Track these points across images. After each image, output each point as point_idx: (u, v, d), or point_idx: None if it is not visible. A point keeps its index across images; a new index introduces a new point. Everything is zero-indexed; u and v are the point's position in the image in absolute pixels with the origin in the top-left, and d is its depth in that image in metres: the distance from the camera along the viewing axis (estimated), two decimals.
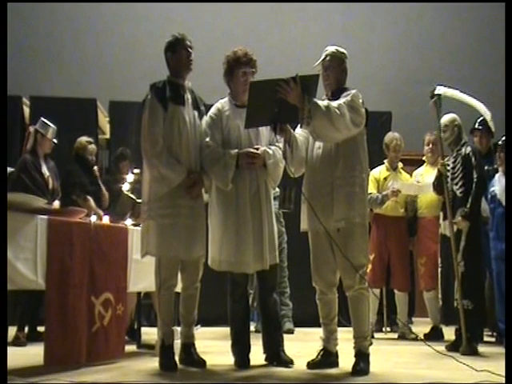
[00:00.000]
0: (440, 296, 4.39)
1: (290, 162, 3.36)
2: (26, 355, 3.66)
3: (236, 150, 3.44)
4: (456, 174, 4.33)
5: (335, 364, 3.41)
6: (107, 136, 6.56)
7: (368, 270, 5.04)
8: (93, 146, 5.13)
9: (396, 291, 5.15)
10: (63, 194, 4.79)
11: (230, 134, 3.48)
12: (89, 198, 4.95)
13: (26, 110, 6.34)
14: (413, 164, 5.60)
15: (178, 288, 3.50)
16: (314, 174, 3.36)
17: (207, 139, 3.47)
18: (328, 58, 3.44)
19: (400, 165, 5.32)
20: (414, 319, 6.05)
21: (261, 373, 3.26)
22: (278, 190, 5.15)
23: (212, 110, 3.54)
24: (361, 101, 3.33)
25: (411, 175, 5.35)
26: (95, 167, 5.07)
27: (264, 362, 3.48)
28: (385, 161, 5.34)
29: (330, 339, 3.42)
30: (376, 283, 5.12)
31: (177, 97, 3.39)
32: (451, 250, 4.18)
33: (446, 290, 4.54)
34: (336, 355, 3.44)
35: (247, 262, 3.37)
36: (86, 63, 7.75)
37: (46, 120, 4.81)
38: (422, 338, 4.43)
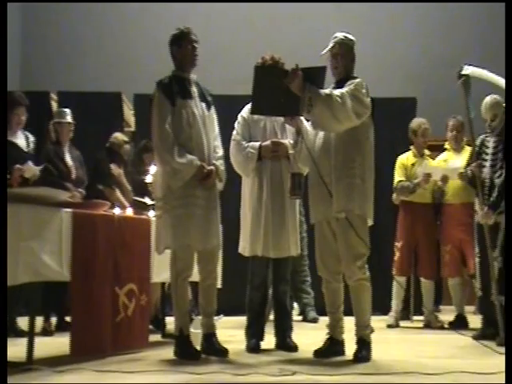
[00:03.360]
0: (479, 286, 4.27)
1: (298, 153, 3.40)
2: (53, 345, 3.76)
3: (258, 143, 3.59)
4: (496, 162, 4.18)
5: (341, 352, 3.43)
6: (132, 129, 6.65)
7: (395, 258, 5.11)
8: (128, 147, 5.22)
9: (422, 279, 5.09)
10: (90, 184, 4.88)
11: (256, 130, 3.63)
12: (115, 188, 5.04)
13: (54, 105, 6.45)
14: (437, 150, 5.51)
15: (197, 278, 3.55)
16: (315, 164, 3.36)
17: (234, 134, 3.63)
18: (337, 46, 3.41)
19: (427, 152, 5.24)
20: (441, 307, 5.99)
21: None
22: None
23: (243, 110, 3.72)
24: (364, 90, 3.29)
25: None
26: (118, 170, 5.14)
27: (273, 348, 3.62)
28: (411, 147, 5.27)
29: (336, 327, 3.45)
30: (403, 271, 5.09)
31: (183, 91, 3.43)
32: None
33: (484, 281, 4.36)
34: (342, 343, 3.47)
35: (268, 248, 3.52)
36: (111, 58, 7.85)
37: (60, 109, 4.94)
38: (448, 326, 4.39)
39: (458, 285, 4.96)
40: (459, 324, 4.86)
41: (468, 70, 4.11)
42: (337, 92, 3.22)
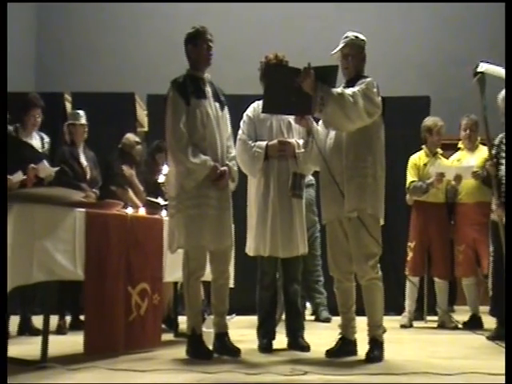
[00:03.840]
0: (491, 286, 4.24)
1: (309, 153, 3.40)
2: (67, 343, 3.79)
3: (265, 142, 3.59)
4: None
5: (354, 352, 3.43)
6: (145, 129, 6.69)
7: (408, 258, 5.08)
8: (140, 148, 5.25)
9: (436, 279, 5.06)
10: (103, 184, 4.92)
11: (263, 129, 3.63)
12: (128, 189, 5.07)
13: (68, 106, 6.51)
14: (450, 149, 5.47)
15: (210, 277, 3.57)
16: (327, 164, 3.35)
17: (240, 133, 3.62)
18: (348, 46, 3.40)
19: (439, 151, 5.21)
20: (455, 307, 5.94)
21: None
22: (312, 178, 5.16)
23: (249, 109, 3.72)
24: (375, 90, 3.29)
25: None
26: (130, 171, 5.16)
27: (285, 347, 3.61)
28: (423, 146, 5.23)
29: (348, 327, 3.45)
30: (417, 271, 5.06)
31: (198, 90, 3.43)
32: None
33: (497, 280, 4.32)
34: (354, 343, 3.46)
35: (275, 247, 3.53)
36: (124, 58, 7.91)
37: (74, 110, 4.99)
38: (462, 326, 4.36)
39: (472, 285, 4.92)
40: (474, 324, 4.82)
41: (483, 67, 4.07)
42: (349, 91, 3.21)
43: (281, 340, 3.70)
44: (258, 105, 3.69)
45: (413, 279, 5.04)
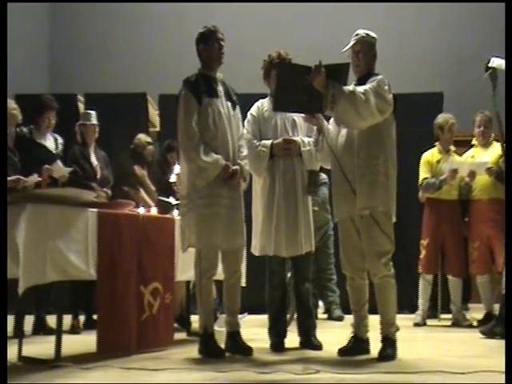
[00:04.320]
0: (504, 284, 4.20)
1: (320, 151, 3.39)
2: (81, 342, 3.82)
3: (270, 141, 3.58)
4: None
5: (366, 351, 3.41)
6: (157, 129, 6.72)
7: (421, 256, 5.05)
8: (151, 148, 5.28)
9: (450, 277, 5.02)
10: (115, 185, 4.95)
11: (267, 128, 3.63)
12: (140, 189, 5.10)
13: (81, 107, 6.56)
14: (464, 146, 5.42)
15: (222, 276, 3.57)
16: (338, 161, 3.34)
17: (245, 132, 3.62)
18: (358, 43, 3.39)
19: (452, 148, 5.16)
20: (470, 305, 5.89)
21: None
22: (325, 176, 5.15)
23: (253, 108, 3.72)
24: (387, 87, 3.27)
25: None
26: (142, 171, 5.18)
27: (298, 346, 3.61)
28: (436, 143, 5.20)
29: (360, 325, 3.43)
30: (430, 269, 5.03)
31: (210, 90, 3.44)
32: None
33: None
34: (367, 342, 3.44)
35: (279, 246, 3.52)
36: (136, 59, 7.95)
37: (86, 111, 5.04)
38: (476, 324, 4.32)
39: (486, 282, 4.88)
40: (488, 322, 4.77)
41: (495, 62, 4.03)
42: (360, 89, 3.20)
43: (293, 339, 3.70)
44: (261, 103, 3.71)
45: (426, 277, 5.00)
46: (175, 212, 4.16)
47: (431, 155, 5.14)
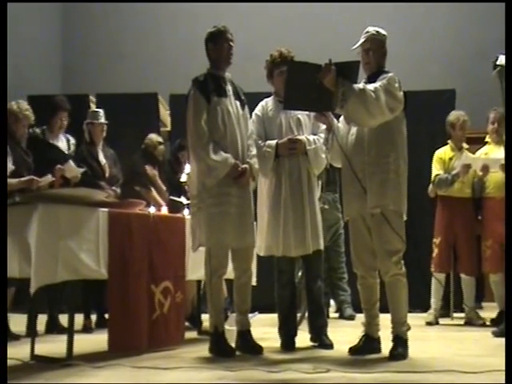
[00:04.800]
0: None
1: (330, 150, 3.38)
2: (92, 341, 3.84)
3: (275, 141, 3.58)
4: None
5: (377, 350, 3.39)
6: (168, 128, 6.74)
7: (434, 255, 5.02)
8: (162, 148, 5.30)
9: (463, 275, 4.98)
10: (126, 184, 4.97)
11: (272, 127, 3.63)
12: (151, 188, 5.12)
13: (93, 107, 6.60)
14: (477, 143, 5.38)
15: (232, 275, 3.57)
16: (348, 160, 3.33)
17: (250, 131, 3.61)
18: (368, 41, 3.37)
19: (465, 145, 5.12)
20: (483, 304, 5.84)
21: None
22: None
23: (257, 108, 3.72)
24: (397, 85, 3.25)
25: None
26: (153, 171, 5.20)
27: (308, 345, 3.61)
28: (449, 141, 5.16)
29: (371, 324, 3.42)
30: (442, 268, 4.99)
31: (219, 89, 3.44)
32: None
33: None
34: (378, 341, 3.43)
35: (288, 247, 3.51)
36: (147, 60, 7.98)
37: (93, 109, 5.06)
38: (490, 323, 4.28)
39: (499, 281, 4.81)
40: (502, 321, 4.72)
41: (503, 60, 3.99)
42: (370, 87, 3.19)
43: (304, 338, 3.69)
44: (266, 103, 3.71)
45: (438, 276, 4.97)
46: (186, 211, 4.18)
47: (444, 153, 5.12)
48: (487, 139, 5.09)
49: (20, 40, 7.22)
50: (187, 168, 4.71)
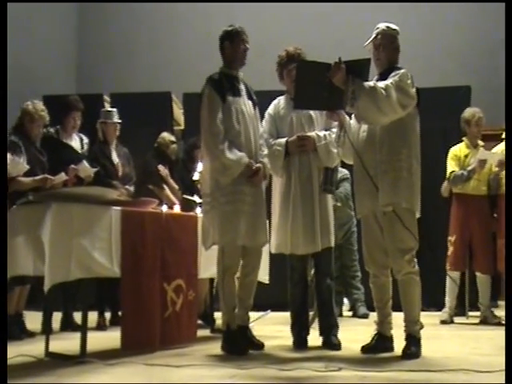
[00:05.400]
0: None
1: (341, 147, 3.36)
2: (106, 339, 3.87)
3: (285, 139, 3.56)
4: None
5: (390, 348, 3.37)
6: (182, 127, 6.77)
7: (449, 253, 4.97)
8: (175, 147, 5.31)
9: (478, 274, 4.93)
10: (140, 183, 5.00)
11: (283, 125, 3.61)
12: (165, 187, 5.14)
13: (107, 107, 6.64)
14: (492, 140, 5.31)
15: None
16: (360, 157, 3.31)
17: (261, 131, 3.62)
18: (379, 37, 3.35)
19: (481, 143, 5.06)
20: (499, 303, 5.77)
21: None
22: (347, 172, 5.11)
23: (270, 107, 3.72)
24: (409, 81, 3.22)
25: None
26: (164, 170, 5.21)
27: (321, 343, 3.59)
28: (464, 138, 5.11)
29: (384, 323, 3.40)
30: (457, 266, 4.95)
31: (233, 88, 3.46)
32: None
33: None
34: (391, 339, 3.40)
35: (297, 244, 3.50)
36: (160, 59, 8.03)
37: (107, 108, 5.08)
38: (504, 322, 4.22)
39: None
40: None
41: None
42: (381, 84, 3.16)
43: (316, 336, 3.67)
44: (278, 101, 3.70)
45: (453, 274, 4.93)
46: (198, 210, 4.19)
47: (459, 150, 5.07)
48: (504, 136, 5.03)
49: (36, 40, 7.31)
50: (200, 166, 4.73)
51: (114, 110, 4.99)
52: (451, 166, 5.00)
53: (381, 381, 2.70)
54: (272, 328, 3.89)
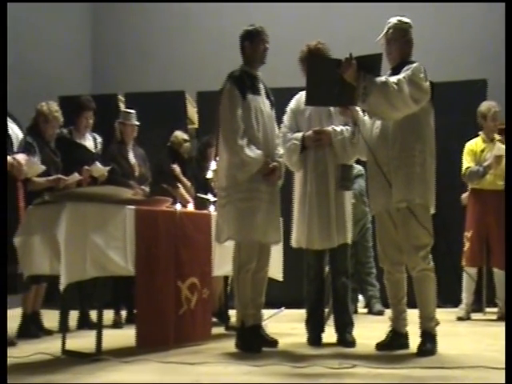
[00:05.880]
0: None
1: (356, 144, 3.34)
2: (122, 337, 3.90)
3: (301, 133, 3.56)
4: None
5: (405, 345, 3.35)
6: (196, 126, 6.78)
7: (465, 248, 4.92)
8: (188, 145, 5.33)
9: (495, 269, 4.87)
10: (154, 182, 5.03)
11: (302, 119, 3.61)
12: (179, 185, 5.17)
13: (122, 107, 6.69)
14: None
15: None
16: (373, 154, 3.29)
17: (282, 126, 3.64)
18: (391, 31, 3.32)
19: (497, 136, 5.00)
20: None
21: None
22: (361, 168, 5.08)
23: (292, 101, 3.72)
24: (422, 75, 3.18)
25: None
26: (176, 168, 5.23)
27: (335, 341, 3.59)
28: (480, 132, 5.05)
29: (398, 319, 3.38)
30: (474, 262, 4.90)
31: (253, 87, 3.48)
32: None
33: None
34: (406, 336, 3.38)
35: (311, 239, 3.51)
36: (173, 58, 8.06)
37: (126, 109, 5.11)
38: None
39: None
40: None
41: None
42: (393, 79, 3.14)
43: (331, 333, 3.67)
44: (300, 96, 3.69)
45: (470, 270, 4.88)
46: (212, 208, 4.20)
47: (475, 144, 5.01)
48: None
49: (51, 43, 7.38)
50: (213, 165, 4.74)
51: (133, 111, 5.02)
52: (467, 162, 4.95)
53: (395, 378, 2.68)
54: (286, 325, 3.89)
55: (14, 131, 3.91)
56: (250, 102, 3.41)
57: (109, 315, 4.40)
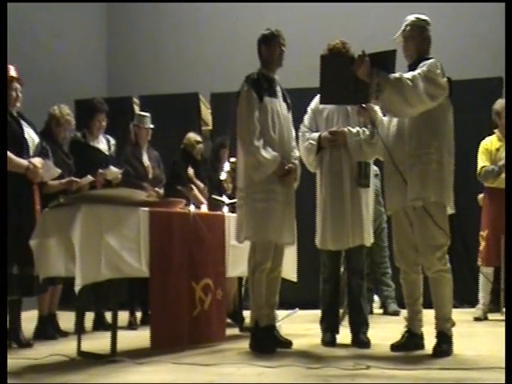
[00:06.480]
0: None
1: (375, 144, 3.34)
2: (136, 338, 3.93)
3: (318, 133, 3.57)
4: None
5: (421, 346, 3.31)
6: (210, 127, 6.80)
7: (481, 248, 4.86)
8: (201, 146, 5.35)
9: None
10: (168, 184, 5.05)
11: (321, 119, 3.62)
12: (193, 187, 5.18)
13: (137, 109, 6.73)
14: None
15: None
16: (389, 153, 3.26)
17: (302, 126, 3.66)
18: (408, 28, 3.29)
19: None
20: None
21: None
22: (376, 168, 5.05)
23: (312, 102, 3.71)
24: (439, 71, 3.14)
25: None
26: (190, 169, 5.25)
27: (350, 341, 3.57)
28: (495, 130, 4.99)
29: (414, 320, 3.34)
30: (490, 261, 4.84)
31: (270, 89, 3.50)
32: None
33: None
34: (421, 337, 3.35)
35: (325, 240, 3.53)
36: (187, 60, 8.08)
37: (141, 112, 5.14)
38: None
39: None
40: None
41: None
42: (408, 75, 3.11)
43: (345, 334, 3.65)
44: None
45: (486, 270, 4.82)
46: (225, 209, 4.20)
47: (490, 143, 4.95)
48: None
49: (67, 47, 7.46)
50: (227, 166, 4.75)
51: (148, 115, 5.05)
52: (482, 161, 4.89)
53: (410, 379, 2.66)
54: (301, 326, 3.88)
55: (30, 135, 3.95)
56: (267, 105, 3.43)
57: (124, 316, 4.43)
